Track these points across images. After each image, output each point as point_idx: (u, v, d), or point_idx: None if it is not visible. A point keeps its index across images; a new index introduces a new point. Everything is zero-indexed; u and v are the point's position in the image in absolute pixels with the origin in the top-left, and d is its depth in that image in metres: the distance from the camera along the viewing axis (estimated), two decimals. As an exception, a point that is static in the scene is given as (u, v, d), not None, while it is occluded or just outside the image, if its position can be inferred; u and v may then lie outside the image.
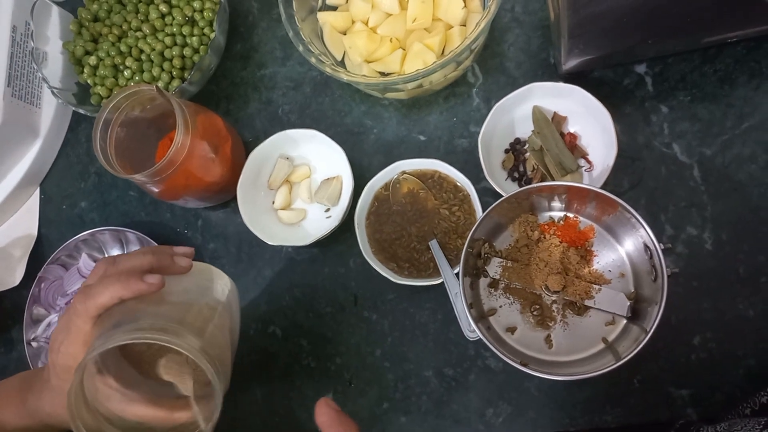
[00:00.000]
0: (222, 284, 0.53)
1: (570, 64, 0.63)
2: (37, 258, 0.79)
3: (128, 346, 0.48)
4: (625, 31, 0.58)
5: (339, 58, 0.72)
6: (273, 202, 0.72)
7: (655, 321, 0.52)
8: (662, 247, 0.53)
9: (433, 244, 0.65)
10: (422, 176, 0.68)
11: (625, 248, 0.60)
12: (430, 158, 0.67)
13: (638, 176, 0.65)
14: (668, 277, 0.52)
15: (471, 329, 0.61)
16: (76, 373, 0.42)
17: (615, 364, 0.52)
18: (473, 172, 0.66)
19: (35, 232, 0.81)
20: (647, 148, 0.65)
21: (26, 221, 0.82)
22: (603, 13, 0.56)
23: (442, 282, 0.63)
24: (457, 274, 0.57)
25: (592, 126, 0.64)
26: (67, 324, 0.47)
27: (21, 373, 0.59)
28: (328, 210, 0.71)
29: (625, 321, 0.59)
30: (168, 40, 0.74)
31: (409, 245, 0.67)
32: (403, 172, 0.68)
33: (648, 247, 0.55)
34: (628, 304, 0.58)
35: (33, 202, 0.83)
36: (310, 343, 0.70)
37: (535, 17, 0.70)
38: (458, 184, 0.67)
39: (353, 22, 0.71)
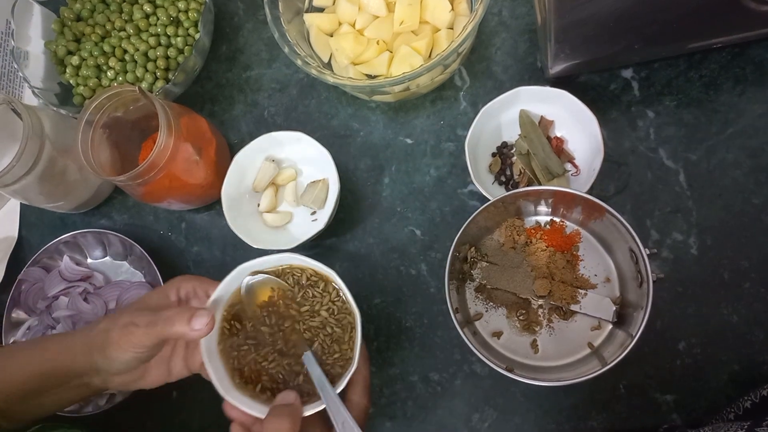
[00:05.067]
0: None
1: (557, 68, 0.63)
2: (17, 261, 0.77)
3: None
4: (612, 35, 0.59)
5: (325, 60, 0.71)
6: (258, 205, 0.72)
7: (641, 326, 0.52)
8: (648, 252, 0.53)
9: (308, 357, 0.51)
10: (279, 275, 0.54)
11: (611, 253, 0.60)
12: (279, 253, 0.54)
13: (624, 181, 0.65)
14: (654, 282, 0.53)
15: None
16: None
17: (601, 369, 0.52)
18: (460, 175, 0.66)
19: (15, 235, 0.79)
20: (633, 153, 0.65)
21: (6, 224, 0.80)
22: (589, 18, 0.56)
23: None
24: (341, 393, 0.48)
25: (579, 130, 0.64)
26: None
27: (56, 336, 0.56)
28: (314, 213, 0.71)
29: (610, 326, 0.59)
30: (152, 41, 0.73)
31: (282, 365, 0.52)
32: (256, 272, 0.53)
33: (634, 252, 0.55)
34: (614, 308, 0.58)
35: (13, 205, 0.81)
36: (295, 348, 0.70)
37: (522, 21, 0.70)
38: (318, 270, 0.53)
39: (340, 24, 0.71)
